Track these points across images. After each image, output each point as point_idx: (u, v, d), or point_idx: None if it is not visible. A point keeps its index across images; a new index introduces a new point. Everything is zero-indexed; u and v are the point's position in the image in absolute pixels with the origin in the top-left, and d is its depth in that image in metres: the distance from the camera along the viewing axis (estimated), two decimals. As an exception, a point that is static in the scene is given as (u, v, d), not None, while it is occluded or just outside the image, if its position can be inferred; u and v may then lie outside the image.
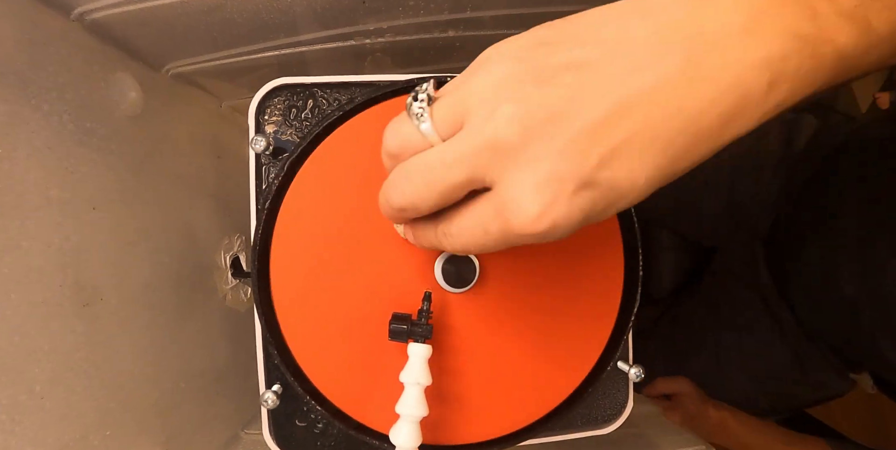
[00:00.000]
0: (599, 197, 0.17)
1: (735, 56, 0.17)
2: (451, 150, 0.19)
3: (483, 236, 0.19)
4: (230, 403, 0.49)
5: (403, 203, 0.20)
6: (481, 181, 0.18)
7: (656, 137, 0.17)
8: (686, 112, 0.17)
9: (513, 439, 0.33)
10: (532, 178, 0.17)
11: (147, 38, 0.40)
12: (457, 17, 0.44)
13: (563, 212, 0.17)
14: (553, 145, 0.17)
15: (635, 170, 0.17)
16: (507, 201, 0.18)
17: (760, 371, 0.60)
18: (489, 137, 0.17)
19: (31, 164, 0.30)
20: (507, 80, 0.18)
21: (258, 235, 0.30)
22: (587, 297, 0.34)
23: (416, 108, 0.19)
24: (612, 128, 0.17)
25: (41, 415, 0.29)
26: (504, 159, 0.17)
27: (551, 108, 0.17)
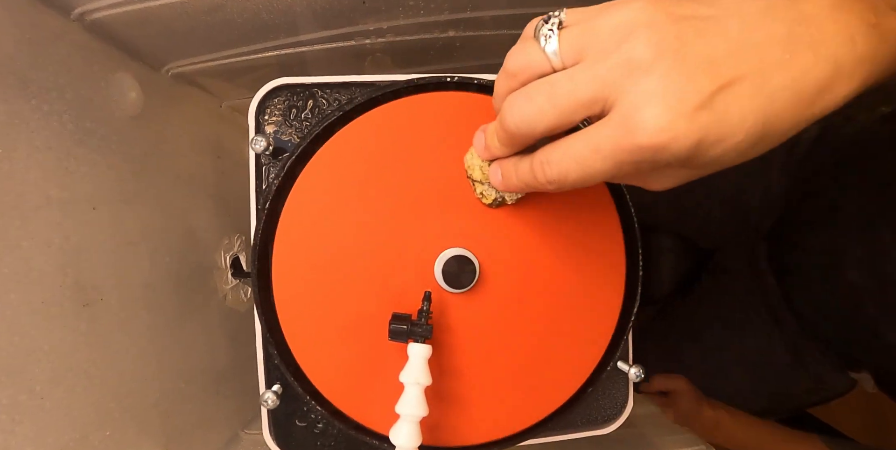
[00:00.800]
0: (714, 124, 0.19)
1: (828, 32, 0.19)
2: (581, 68, 0.20)
3: (591, 156, 0.20)
4: (230, 403, 0.49)
5: (520, 122, 0.22)
6: (605, 100, 0.20)
7: (764, 84, 0.19)
8: (789, 71, 0.19)
9: (513, 440, 0.33)
10: (660, 90, 0.19)
11: (147, 38, 0.40)
12: (457, 17, 0.44)
13: (683, 127, 0.19)
14: (682, 67, 0.19)
15: (746, 108, 0.19)
16: (632, 112, 0.19)
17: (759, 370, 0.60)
18: (624, 55, 0.19)
19: (31, 164, 0.30)
20: (644, 15, 0.20)
21: (258, 235, 0.30)
22: (587, 297, 0.34)
23: (546, 30, 0.21)
24: (731, 64, 0.19)
25: (41, 415, 0.29)
26: (636, 74, 0.19)
27: (682, 39, 0.19)
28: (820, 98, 0.20)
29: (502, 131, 0.23)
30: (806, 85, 0.19)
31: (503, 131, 0.23)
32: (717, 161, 0.20)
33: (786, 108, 0.19)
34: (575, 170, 0.21)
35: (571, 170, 0.21)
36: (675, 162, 0.20)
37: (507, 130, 0.23)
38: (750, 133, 0.19)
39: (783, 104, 0.19)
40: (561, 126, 0.21)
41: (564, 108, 0.20)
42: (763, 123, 0.19)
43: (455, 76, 0.32)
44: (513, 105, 0.22)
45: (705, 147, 0.19)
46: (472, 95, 0.33)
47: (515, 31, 0.49)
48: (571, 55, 0.21)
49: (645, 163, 0.20)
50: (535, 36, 0.21)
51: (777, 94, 0.19)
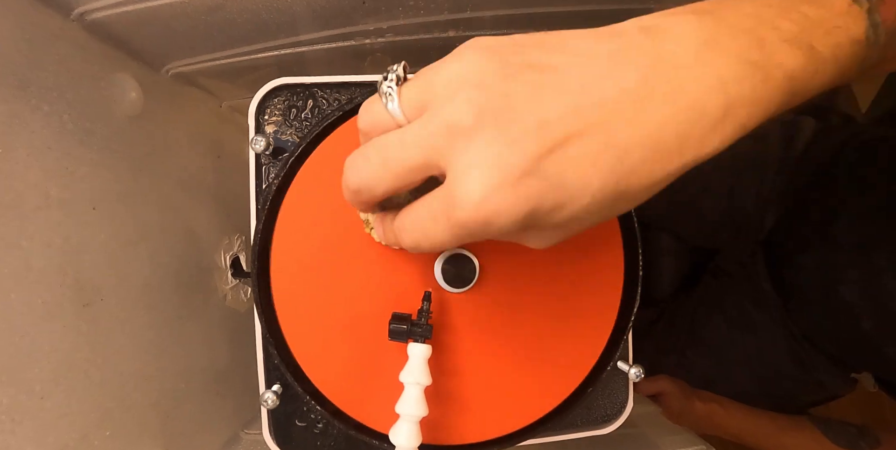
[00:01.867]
0: (547, 191, 0.17)
1: (690, 77, 0.17)
2: (409, 130, 0.19)
3: (433, 227, 0.19)
4: (230, 403, 0.49)
5: (358, 183, 0.21)
6: (436, 165, 0.18)
7: (612, 144, 0.17)
8: (643, 125, 0.17)
9: (513, 439, 0.33)
10: (478, 160, 0.17)
11: (147, 38, 0.40)
12: (457, 17, 0.44)
13: (507, 199, 0.17)
14: (504, 132, 0.17)
15: (588, 171, 0.17)
16: (454, 184, 0.18)
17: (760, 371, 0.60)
18: (446, 118, 0.18)
19: (31, 164, 0.30)
20: (475, 69, 0.18)
21: (258, 235, 0.30)
22: (587, 297, 0.34)
23: (386, 87, 0.20)
24: (566, 125, 0.17)
25: (41, 415, 0.29)
26: (456, 142, 0.18)
27: (509, 99, 0.17)
28: (685, 150, 0.18)
29: (346, 191, 0.22)
30: (663, 138, 0.17)
31: (347, 191, 0.22)
32: (573, 223, 0.19)
33: (642, 164, 0.18)
34: (423, 239, 0.20)
35: (420, 239, 0.20)
36: (512, 231, 0.18)
37: (350, 190, 0.21)
38: (598, 195, 0.18)
39: (637, 160, 0.17)
40: (399, 188, 0.20)
41: (398, 172, 0.19)
42: (615, 182, 0.18)
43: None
44: (351, 165, 0.21)
45: (543, 214, 0.18)
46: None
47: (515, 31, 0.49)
48: (412, 109, 0.19)
49: (481, 234, 0.19)
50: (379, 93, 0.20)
51: (628, 151, 0.17)
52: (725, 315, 0.63)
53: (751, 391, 0.61)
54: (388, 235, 0.23)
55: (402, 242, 0.21)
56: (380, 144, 0.20)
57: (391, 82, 0.20)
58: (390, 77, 0.20)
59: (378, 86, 0.20)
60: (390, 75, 0.20)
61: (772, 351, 0.59)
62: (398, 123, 0.20)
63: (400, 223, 0.21)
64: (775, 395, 0.61)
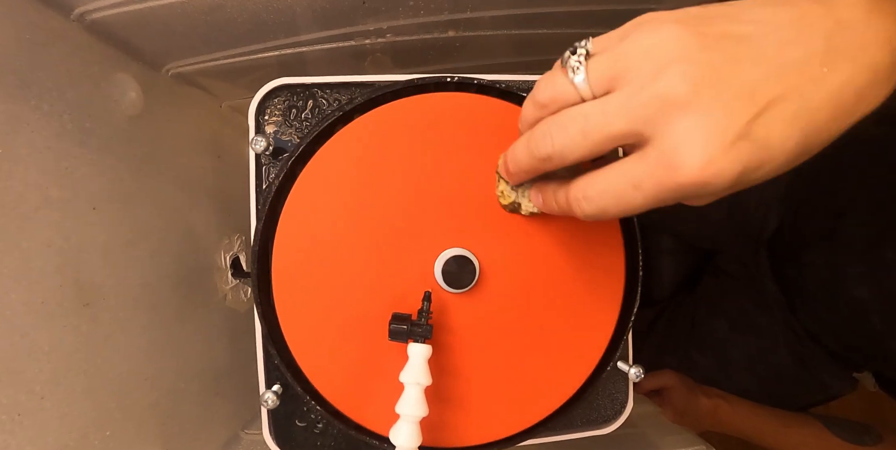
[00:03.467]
0: (754, 153, 0.19)
1: (866, 39, 0.19)
2: (614, 102, 0.20)
3: (631, 193, 0.20)
4: (230, 403, 0.49)
5: (552, 151, 0.22)
6: (639, 134, 0.20)
7: (804, 105, 0.19)
8: (829, 86, 0.19)
9: (513, 440, 0.33)
10: (698, 127, 0.18)
11: (147, 38, 0.40)
12: (457, 17, 0.44)
13: (725, 161, 0.18)
14: (718, 100, 0.19)
15: (786, 131, 0.19)
16: (672, 150, 0.19)
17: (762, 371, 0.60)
18: (659, 90, 0.19)
19: (31, 164, 0.30)
20: (674, 43, 0.19)
21: (258, 235, 0.30)
22: (587, 297, 0.34)
23: (574, 61, 0.21)
24: (767, 89, 0.19)
25: (41, 415, 0.29)
26: (672, 111, 0.19)
27: (716, 70, 0.19)
28: (858, 106, 0.20)
29: (531, 158, 0.23)
30: (845, 96, 0.19)
31: (532, 158, 0.23)
32: (759, 181, 0.20)
33: (826, 122, 0.19)
34: (614, 205, 0.21)
35: (610, 205, 0.21)
36: (719, 193, 0.20)
37: (538, 158, 0.23)
38: (791, 153, 0.19)
39: (823, 119, 0.19)
40: (591, 156, 0.21)
41: (597, 140, 0.20)
42: (804, 141, 0.19)
43: (455, 76, 0.32)
44: (545, 134, 0.22)
45: (748, 173, 0.19)
46: (472, 96, 0.33)
47: (515, 31, 0.49)
48: (601, 85, 0.21)
49: (688, 197, 0.20)
50: (563, 66, 0.21)
51: (817, 111, 0.19)
52: (726, 316, 0.63)
53: (752, 392, 0.61)
54: (553, 203, 0.25)
55: (576, 211, 0.23)
56: (578, 114, 0.21)
57: (580, 57, 0.21)
58: (579, 51, 0.21)
59: (563, 60, 0.21)
60: (579, 50, 0.21)
61: (773, 351, 0.59)
62: (583, 97, 0.21)
63: (582, 191, 0.22)
64: (777, 395, 0.61)
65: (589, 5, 0.45)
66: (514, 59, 0.55)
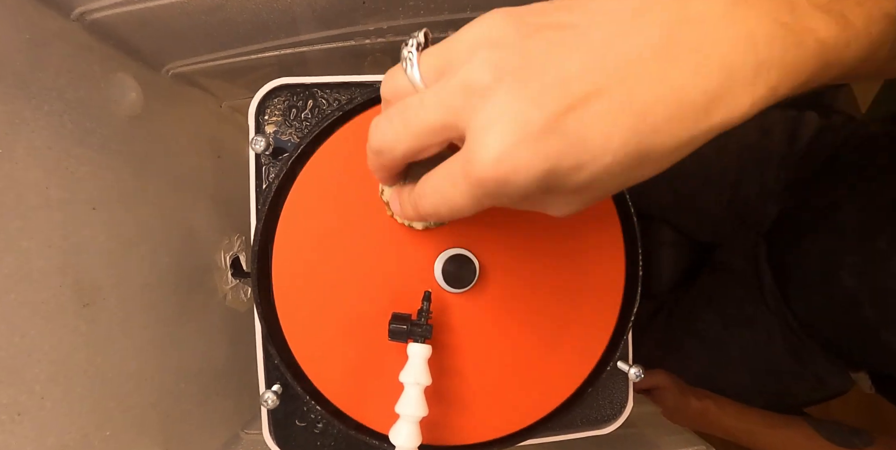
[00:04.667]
0: (567, 149, 0.17)
1: (718, 34, 0.17)
2: (429, 91, 0.19)
3: (450, 190, 0.19)
4: (230, 403, 0.49)
5: (380, 144, 0.21)
6: (454, 127, 0.18)
7: (634, 101, 0.17)
8: (667, 82, 0.17)
9: (513, 439, 0.33)
10: (497, 118, 0.17)
11: (147, 38, 0.40)
12: (457, 17, 0.44)
13: (525, 156, 0.17)
14: (523, 89, 0.17)
15: (608, 129, 0.17)
16: (471, 144, 0.18)
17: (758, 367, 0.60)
18: (463, 78, 0.18)
19: (31, 164, 0.30)
20: (493, 31, 0.18)
21: (258, 235, 0.30)
22: (587, 296, 0.34)
23: (406, 52, 0.20)
24: (586, 82, 0.17)
25: (41, 415, 0.29)
26: (474, 101, 0.18)
27: (528, 57, 0.17)
28: (714, 110, 0.17)
29: (369, 152, 0.22)
30: (689, 96, 0.17)
31: (370, 152, 0.22)
32: (593, 185, 0.18)
33: (666, 123, 0.17)
34: (441, 204, 0.20)
35: (439, 204, 0.20)
36: (532, 193, 0.18)
37: (372, 150, 0.22)
38: (620, 154, 0.17)
39: (660, 119, 0.17)
40: (422, 149, 0.20)
41: (418, 132, 0.19)
42: (637, 141, 0.17)
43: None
44: (375, 127, 0.21)
45: (563, 174, 0.17)
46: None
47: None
48: (432, 74, 0.19)
49: (500, 196, 0.18)
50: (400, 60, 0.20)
51: (651, 109, 0.17)
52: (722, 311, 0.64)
53: (748, 387, 0.61)
54: (406, 207, 0.23)
55: (420, 210, 0.21)
56: (402, 106, 0.20)
57: (411, 48, 0.20)
58: (410, 43, 0.20)
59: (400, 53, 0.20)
60: (410, 41, 0.20)
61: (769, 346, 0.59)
62: (417, 89, 0.20)
63: (419, 190, 0.21)
64: (773, 391, 0.61)
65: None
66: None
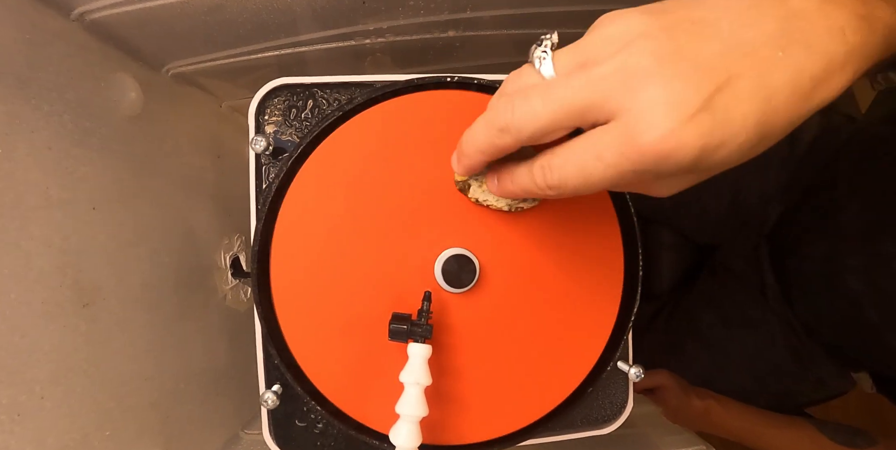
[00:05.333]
0: (716, 127, 0.19)
1: (819, 27, 0.20)
2: (578, 76, 0.20)
3: (593, 163, 0.20)
4: (230, 403, 0.49)
5: (510, 120, 0.21)
6: (601, 108, 0.20)
7: (762, 83, 0.19)
8: (786, 68, 0.19)
9: (513, 439, 0.33)
10: (660, 98, 0.19)
11: (147, 38, 0.40)
12: (457, 17, 0.44)
13: (687, 133, 0.19)
14: (679, 71, 0.19)
15: (746, 107, 0.19)
16: (634, 120, 0.19)
17: (759, 368, 0.60)
18: (623, 62, 0.19)
19: (31, 164, 0.30)
20: (636, 26, 0.20)
21: (258, 235, 0.30)
22: (587, 296, 0.34)
23: (540, 52, 0.21)
24: (727, 64, 0.19)
25: (41, 415, 0.29)
26: (635, 82, 0.19)
27: (677, 44, 0.19)
28: (816, 92, 0.20)
29: (487, 130, 0.23)
30: (801, 80, 0.19)
31: (489, 130, 0.23)
32: (721, 164, 0.20)
33: (784, 105, 0.20)
34: (575, 176, 0.21)
35: (572, 176, 0.21)
36: (679, 170, 0.20)
37: (495, 127, 0.22)
38: (751, 132, 0.19)
39: (781, 101, 0.19)
40: (550, 131, 0.21)
41: (558, 111, 0.20)
42: (763, 122, 0.19)
43: (455, 76, 0.32)
44: (507, 104, 0.22)
45: (710, 151, 0.19)
46: (473, 95, 0.33)
47: (515, 31, 0.49)
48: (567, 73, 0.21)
49: (649, 172, 0.20)
50: (530, 59, 0.22)
51: (775, 92, 0.19)
52: (723, 312, 0.63)
53: (750, 389, 0.61)
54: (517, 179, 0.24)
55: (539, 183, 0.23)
56: (541, 87, 0.21)
57: (546, 48, 0.21)
58: (545, 43, 0.21)
59: (530, 54, 0.22)
60: (545, 42, 0.21)
61: (770, 348, 0.59)
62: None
63: (546, 162, 0.22)
64: (774, 392, 0.61)
65: (588, 5, 0.45)
66: (514, 59, 0.55)
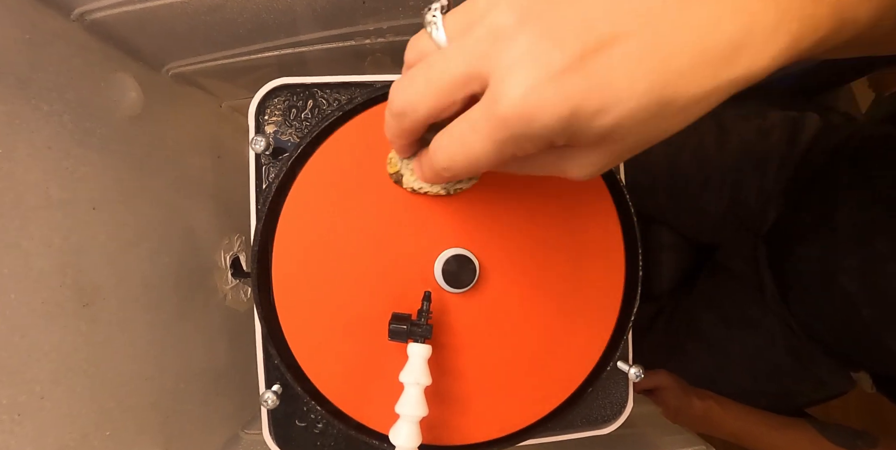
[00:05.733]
0: (591, 91, 0.17)
1: None
2: (452, 44, 0.19)
3: (471, 136, 0.19)
4: (230, 403, 0.49)
5: (402, 105, 0.21)
6: (479, 75, 0.18)
7: (658, 45, 0.17)
8: (690, 28, 0.17)
9: (513, 439, 0.33)
10: (521, 57, 0.17)
11: (147, 38, 0.40)
12: (457, 17, 0.44)
13: (549, 95, 0.17)
14: (547, 31, 0.17)
15: (633, 72, 0.17)
16: (497, 83, 0.18)
17: (759, 368, 0.60)
18: (489, 24, 0.18)
19: (31, 164, 0.30)
20: None
21: (258, 235, 0.30)
22: (587, 297, 0.34)
23: (430, 16, 0.20)
24: (610, 25, 0.17)
25: (41, 415, 0.29)
26: (500, 43, 0.18)
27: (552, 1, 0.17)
28: (736, 58, 0.17)
29: (390, 117, 0.22)
30: (713, 43, 0.17)
31: (390, 117, 0.22)
32: (616, 134, 0.18)
33: (691, 69, 0.17)
34: (459, 152, 0.20)
35: (456, 153, 0.20)
36: (555, 135, 0.18)
37: (393, 113, 0.22)
38: (644, 99, 0.17)
39: (685, 64, 0.17)
40: (445, 107, 0.20)
41: (440, 85, 0.19)
42: (661, 86, 0.17)
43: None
44: (396, 88, 0.21)
45: (587, 117, 0.17)
46: (472, 95, 0.33)
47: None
48: (458, 35, 0.19)
49: (522, 139, 0.18)
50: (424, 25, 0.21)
51: (675, 54, 0.17)
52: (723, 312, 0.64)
53: (749, 388, 0.61)
54: (425, 167, 0.24)
55: (436, 163, 0.22)
56: (424, 64, 0.20)
57: (435, 11, 0.20)
58: (434, 6, 0.20)
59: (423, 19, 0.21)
60: (434, 5, 0.20)
61: (770, 348, 0.59)
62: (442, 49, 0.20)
63: (436, 143, 0.21)
64: (774, 392, 0.61)
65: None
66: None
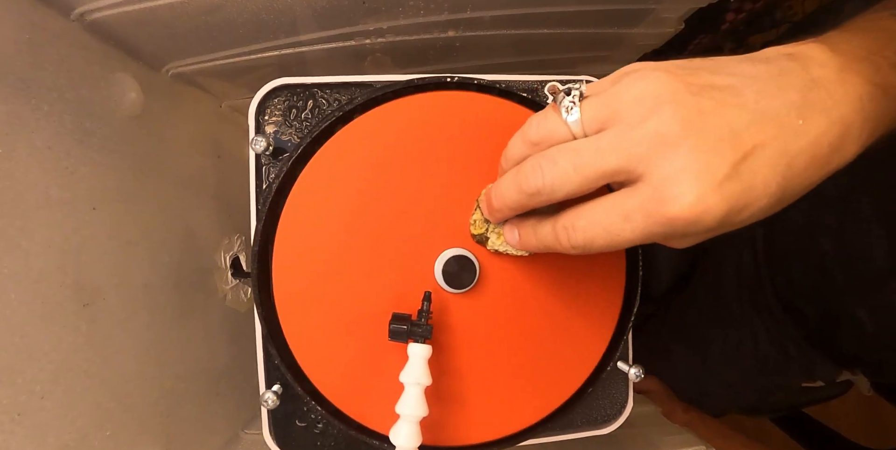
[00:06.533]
0: (741, 193, 0.20)
1: (837, 97, 0.21)
2: (606, 139, 0.21)
3: (620, 225, 0.21)
4: (230, 403, 0.49)
5: (541, 186, 0.22)
6: (630, 171, 0.20)
7: (784, 151, 0.20)
8: (806, 136, 0.20)
9: (513, 440, 0.33)
10: (688, 165, 0.19)
11: (147, 38, 0.40)
12: (457, 17, 0.44)
13: (714, 199, 0.19)
14: (707, 141, 0.20)
15: (768, 175, 0.20)
16: (664, 186, 0.20)
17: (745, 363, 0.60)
18: (653, 129, 0.20)
19: (31, 164, 0.30)
20: (665, 88, 0.20)
21: (258, 235, 0.30)
22: (587, 297, 0.34)
23: (568, 102, 0.22)
24: (751, 134, 0.20)
25: (41, 415, 0.29)
26: (664, 148, 0.20)
27: (704, 113, 0.20)
28: (832, 158, 0.21)
29: (518, 193, 0.24)
30: (820, 148, 0.20)
31: (520, 193, 0.23)
32: (742, 223, 0.21)
33: (804, 171, 0.20)
34: (602, 237, 0.22)
35: (599, 237, 0.22)
36: (705, 231, 0.21)
37: (527, 192, 0.23)
38: (773, 196, 0.20)
39: (801, 167, 0.20)
40: (580, 193, 0.22)
41: (589, 176, 0.21)
42: (784, 186, 0.20)
43: (455, 76, 0.32)
44: (536, 168, 0.22)
45: (734, 214, 0.20)
46: (473, 95, 0.33)
47: (515, 31, 0.49)
48: (594, 126, 0.21)
49: (676, 234, 0.21)
50: (556, 106, 0.22)
51: (796, 159, 0.20)
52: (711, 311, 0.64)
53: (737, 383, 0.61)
54: (539, 235, 0.25)
55: (563, 242, 0.23)
56: (569, 150, 0.22)
57: (574, 98, 0.22)
58: (573, 93, 0.22)
59: (555, 99, 0.22)
60: (573, 92, 0.22)
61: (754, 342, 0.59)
62: (575, 136, 0.22)
63: (570, 222, 0.23)
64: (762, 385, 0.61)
65: (588, 5, 0.45)
66: (514, 59, 0.55)
